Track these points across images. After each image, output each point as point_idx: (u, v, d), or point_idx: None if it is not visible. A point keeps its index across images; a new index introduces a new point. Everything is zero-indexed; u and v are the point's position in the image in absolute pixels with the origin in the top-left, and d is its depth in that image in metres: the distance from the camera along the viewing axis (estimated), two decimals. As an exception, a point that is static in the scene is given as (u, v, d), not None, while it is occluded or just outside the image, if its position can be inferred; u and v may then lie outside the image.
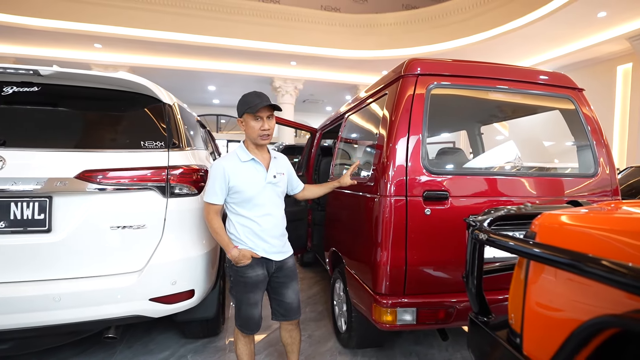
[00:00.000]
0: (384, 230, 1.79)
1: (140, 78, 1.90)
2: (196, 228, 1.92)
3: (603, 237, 0.70)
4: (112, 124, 1.86)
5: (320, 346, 2.51)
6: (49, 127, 1.74)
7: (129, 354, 2.34)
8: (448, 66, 2.01)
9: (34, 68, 1.70)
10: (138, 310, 1.70)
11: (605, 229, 0.72)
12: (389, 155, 1.82)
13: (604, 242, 0.70)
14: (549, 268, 0.75)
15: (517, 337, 0.86)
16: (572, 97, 2.16)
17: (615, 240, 0.69)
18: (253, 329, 1.78)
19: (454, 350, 2.46)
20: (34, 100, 1.75)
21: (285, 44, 9.53)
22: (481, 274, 1.03)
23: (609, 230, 0.71)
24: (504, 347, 0.87)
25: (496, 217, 1.03)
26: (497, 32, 8.05)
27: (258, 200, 1.71)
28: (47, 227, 1.59)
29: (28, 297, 1.52)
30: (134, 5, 8.56)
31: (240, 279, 1.72)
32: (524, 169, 2.28)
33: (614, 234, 0.70)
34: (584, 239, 0.74)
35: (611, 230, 0.70)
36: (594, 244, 0.72)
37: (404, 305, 1.77)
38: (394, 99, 1.92)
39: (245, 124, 1.73)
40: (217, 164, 1.69)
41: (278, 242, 1.80)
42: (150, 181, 1.75)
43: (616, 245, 0.68)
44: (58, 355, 2.27)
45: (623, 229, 0.69)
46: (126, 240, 1.70)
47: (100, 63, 9.69)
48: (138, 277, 1.69)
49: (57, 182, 1.58)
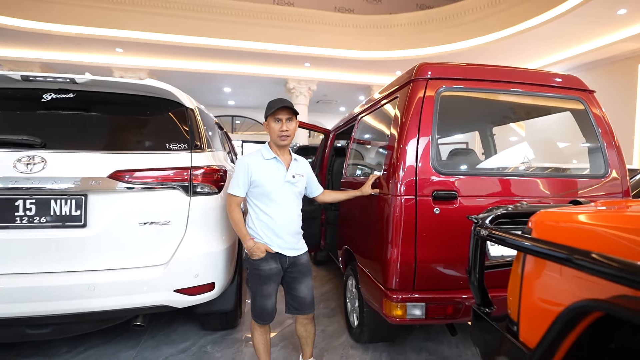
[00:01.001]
0: (395, 228, 1.87)
1: (165, 84, 2.04)
2: (217, 225, 2.04)
3: (591, 232, 0.77)
4: (140, 127, 2.00)
5: (333, 340, 2.60)
6: (83, 131, 1.89)
7: (153, 343, 2.49)
8: (458, 70, 2.07)
9: (71, 76, 1.86)
10: (164, 300, 1.83)
11: (593, 225, 0.78)
12: (399, 156, 1.90)
13: (592, 236, 0.77)
14: (541, 260, 0.82)
15: (514, 325, 0.93)
16: (582, 98, 2.19)
17: (602, 234, 0.76)
18: (266, 319, 1.89)
19: (464, 347, 2.51)
20: (70, 105, 1.90)
21: (299, 46, 9.65)
22: (483, 268, 1.11)
23: (596, 225, 0.78)
24: (502, 334, 0.95)
25: (497, 214, 1.10)
26: (512, 32, 7.96)
27: (275, 196, 1.83)
28: (82, 222, 1.74)
29: (66, 286, 1.67)
30: (154, 11, 8.84)
31: (255, 272, 1.84)
32: (533, 170, 2.32)
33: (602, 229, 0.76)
34: (574, 234, 0.81)
35: (598, 226, 0.77)
36: (584, 238, 0.79)
37: (413, 300, 1.84)
38: (405, 102, 2.00)
39: (268, 126, 1.87)
40: (242, 160, 1.84)
41: (292, 239, 1.90)
42: (174, 180, 1.88)
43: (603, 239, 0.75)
44: (88, 342, 2.43)
45: (609, 225, 0.76)
46: (153, 236, 1.84)
47: (121, 66, 10.02)
48: (164, 270, 1.82)
49: (91, 181, 1.72)
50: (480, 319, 1.09)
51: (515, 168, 2.41)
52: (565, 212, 0.90)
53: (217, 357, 2.34)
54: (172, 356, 2.33)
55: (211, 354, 2.37)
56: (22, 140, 1.69)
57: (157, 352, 2.38)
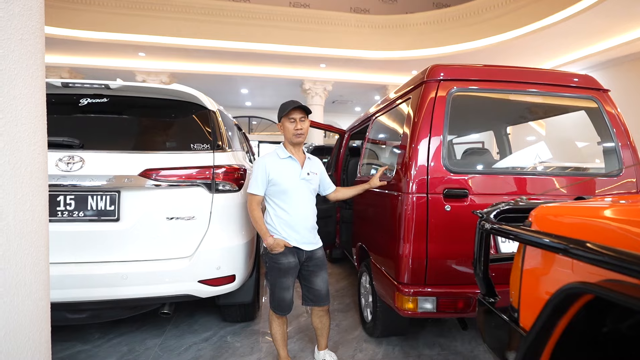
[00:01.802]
0: (407, 225, 1.95)
1: (190, 89, 2.18)
2: (237, 221, 2.16)
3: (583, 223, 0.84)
4: (167, 129, 2.15)
5: (347, 334, 2.69)
6: (116, 132, 2.05)
7: (177, 332, 2.64)
8: (470, 71, 2.13)
9: (105, 82, 2.02)
10: (189, 290, 1.97)
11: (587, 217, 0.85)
12: (411, 156, 1.97)
13: (584, 227, 0.83)
14: (539, 250, 0.89)
15: (515, 312, 1.00)
16: (596, 97, 2.20)
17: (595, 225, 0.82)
18: (285, 310, 1.99)
19: (476, 343, 2.55)
20: (104, 109, 2.07)
21: (315, 47, 9.76)
22: (487, 260, 1.17)
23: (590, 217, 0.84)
24: (504, 320, 1.02)
25: (501, 209, 1.17)
26: (530, 30, 7.82)
27: (292, 193, 1.94)
28: (116, 216, 1.89)
29: (102, 275, 1.82)
30: (175, 16, 9.14)
31: (274, 265, 1.95)
32: (545, 169, 2.34)
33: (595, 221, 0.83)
34: (569, 226, 0.88)
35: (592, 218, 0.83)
36: (577, 229, 0.85)
37: (424, 294, 1.91)
38: (417, 103, 2.07)
39: (283, 126, 1.98)
40: (260, 160, 1.95)
41: (308, 234, 2.01)
42: (198, 179, 2.01)
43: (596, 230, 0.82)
44: (117, 330, 2.61)
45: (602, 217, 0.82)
46: (179, 230, 1.97)
47: (144, 70, 10.38)
48: (189, 262, 1.96)
49: (124, 179, 1.87)
50: (485, 308, 1.16)
51: (528, 167, 2.43)
52: (562, 206, 0.96)
53: (237, 346, 2.46)
54: (195, 344, 2.47)
55: (231, 343, 2.50)
56: (63, 142, 1.86)
57: (181, 340, 2.53)
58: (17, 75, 0.90)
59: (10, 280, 0.89)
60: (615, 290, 0.64)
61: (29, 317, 0.95)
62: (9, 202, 0.88)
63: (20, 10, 0.90)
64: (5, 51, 0.87)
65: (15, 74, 0.89)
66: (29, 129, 0.94)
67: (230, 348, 2.44)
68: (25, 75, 0.92)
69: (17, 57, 0.90)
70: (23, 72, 0.92)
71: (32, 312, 0.96)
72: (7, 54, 0.87)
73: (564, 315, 0.79)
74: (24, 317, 0.93)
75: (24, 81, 0.92)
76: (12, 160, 0.89)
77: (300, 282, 2.09)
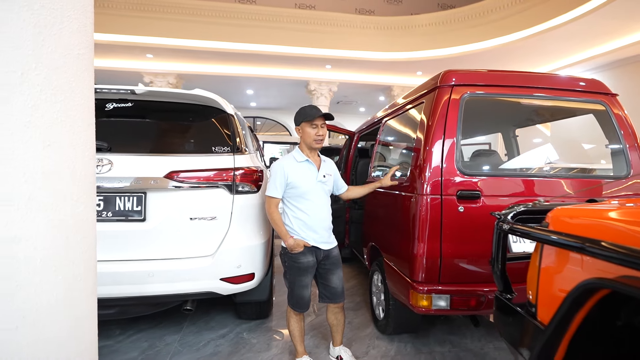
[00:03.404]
0: (421, 225, 2.02)
1: (210, 93, 2.26)
2: (256, 221, 2.24)
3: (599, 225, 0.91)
4: (189, 132, 2.23)
5: (360, 332, 2.76)
6: (141, 135, 2.14)
7: (194, 328, 2.73)
8: (481, 76, 2.19)
9: (131, 88, 2.10)
10: (211, 287, 2.05)
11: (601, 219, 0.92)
12: (425, 158, 2.04)
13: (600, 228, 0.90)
14: (556, 249, 0.96)
15: (532, 307, 1.07)
16: (605, 102, 2.26)
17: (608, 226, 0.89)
18: (304, 308, 2.07)
19: (486, 340, 2.62)
20: (129, 113, 2.15)
21: (320, 48, 9.83)
22: (505, 259, 1.24)
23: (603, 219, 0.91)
24: (522, 315, 1.09)
25: (518, 211, 1.23)
26: (535, 31, 7.85)
27: (309, 195, 2.01)
28: (142, 217, 1.97)
29: (129, 272, 1.91)
30: (182, 18, 9.24)
31: (294, 264, 2.02)
32: (555, 171, 2.40)
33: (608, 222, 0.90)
34: (585, 227, 0.94)
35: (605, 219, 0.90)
36: (593, 230, 0.92)
37: (438, 292, 1.98)
38: (431, 107, 2.14)
39: (302, 131, 2.04)
40: (278, 164, 2.02)
41: (325, 233, 2.08)
42: (220, 180, 2.09)
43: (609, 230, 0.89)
44: (137, 327, 2.69)
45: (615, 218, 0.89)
46: (201, 229, 2.06)
47: (151, 71, 10.50)
48: (211, 260, 2.04)
49: (150, 181, 1.95)
50: (502, 304, 1.23)
51: (538, 169, 2.49)
52: (577, 208, 1.03)
53: (253, 342, 2.54)
54: (213, 341, 2.55)
55: (248, 339, 2.58)
56: (92, 145, 1.94)
57: (199, 336, 2.61)
58: (75, 87, 0.98)
59: (70, 275, 0.97)
60: (631, 285, 0.71)
61: (82, 310, 1.03)
62: (67, 203, 0.96)
63: (78, 27, 0.98)
64: (67, 65, 0.95)
65: (74, 86, 0.97)
66: (84, 136, 1.02)
67: (247, 344, 2.52)
68: (82, 86, 1.00)
69: (75, 71, 0.98)
70: (80, 84, 0.99)
71: (85, 306, 1.04)
72: (67, 68, 0.95)
73: (581, 309, 0.86)
74: (79, 310, 1.01)
75: (81, 92, 1.00)
76: (70, 166, 0.97)
77: (316, 280, 2.16)
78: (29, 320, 0.86)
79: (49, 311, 0.90)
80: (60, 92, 0.93)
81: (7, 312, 0.84)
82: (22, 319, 0.85)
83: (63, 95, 0.94)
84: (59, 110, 0.93)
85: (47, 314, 0.90)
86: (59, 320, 0.93)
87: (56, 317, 0.93)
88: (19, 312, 0.85)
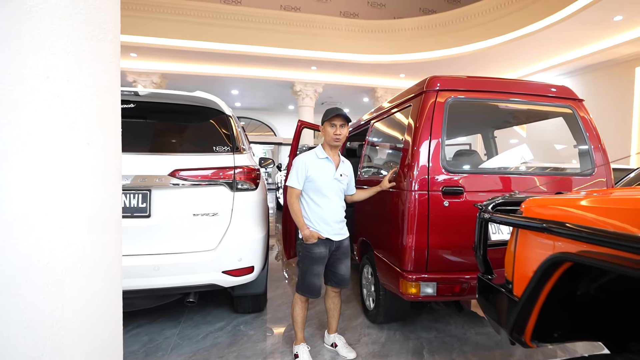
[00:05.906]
0: (410, 219, 2.19)
1: (210, 95, 2.36)
2: (255, 217, 2.36)
3: (562, 211, 1.09)
4: (191, 132, 2.33)
5: (351, 322, 2.92)
6: (144, 135, 2.22)
7: (192, 323, 2.81)
8: (463, 82, 2.39)
9: (135, 90, 2.18)
10: (214, 280, 2.16)
11: (564, 206, 1.10)
12: (413, 157, 2.22)
13: (562, 213, 1.08)
14: (528, 232, 1.14)
15: (510, 284, 1.25)
16: (572, 106, 2.50)
17: (568, 212, 1.07)
18: (314, 294, 2.21)
19: (468, 327, 2.82)
20: (132, 114, 2.23)
21: (306, 50, 9.98)
22: (486, 245, 1.42)
23: (565, 206, 1.09)
24: (500, 291, 1.26)
25: (497, 202, 1.41)
26: (516, 35, 8.26)
27: (326, 191, 2.17)
28: (148, 213, 2.06)
29: (137, 266, 1.99)
30: (167, 17, 9.20)
31: (308, 254, 2.17)
32: (530, 169, 2.63)
33: (571, 208, 1.08)
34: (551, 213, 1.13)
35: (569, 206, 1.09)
36: (557, 215, 1.10)
37: (426, 280, 2.16)
38: (417, 110, 2.32)
39: (324, 130, 2.21)
40: (300, 158, 2.17)
41: (338, 226, 2.24)
42: (221, 178, 2.20)
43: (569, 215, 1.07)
44: (134, 322, 2.75)
45: (577, 205, 1.08)
46: (204, 225, 2.16)
47: (135, 70, 10.38)
48: (214, 254, 2.14)
49: (155, 179, 2.05)
50: (483, 283, 1.41)
51: (514, 167, 2.72)
52: (546, 198, 1.21)
53: (251, 334, 2.66)
54: (211, 333, 2.65)
55: (245, 332, 2.69)
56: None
57: (197, 330, 2.70)
58: (108, 93, 1.09)
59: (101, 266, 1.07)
60: (587, 256, 0.89)
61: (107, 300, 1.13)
62: (102, 201, 1.07)
63: (112, 37, 1.09)
64: (101, 73, 1.06)
65: (107, 92, 1.08)
66: (115, 139, 1.13)
67: (245, 336, 2.63)
68: (113, 92, 1.11)
69: (109, 77, 1.09)
70: (111, 89, 1.10)
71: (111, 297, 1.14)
72: (101, 75, 1.06)
73: (549, 280, 1.04)
74: (106, 301, 1.11)
75: (112, 97, 1.11)
76: (104, 168, 1.07)
77: (326, 267, 2.30)
78: (72, 316, 0.97)
79: (89, 301, 1.01)
80: (97, 96, 1.04)
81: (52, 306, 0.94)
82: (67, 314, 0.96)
83: (100, 99, 1.04)
84: (96, 113, 1.03)
85: (85, 305, 1.00)
86: (94, 312, 1.04)
87: (95, 309, 1.04)
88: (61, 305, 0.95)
